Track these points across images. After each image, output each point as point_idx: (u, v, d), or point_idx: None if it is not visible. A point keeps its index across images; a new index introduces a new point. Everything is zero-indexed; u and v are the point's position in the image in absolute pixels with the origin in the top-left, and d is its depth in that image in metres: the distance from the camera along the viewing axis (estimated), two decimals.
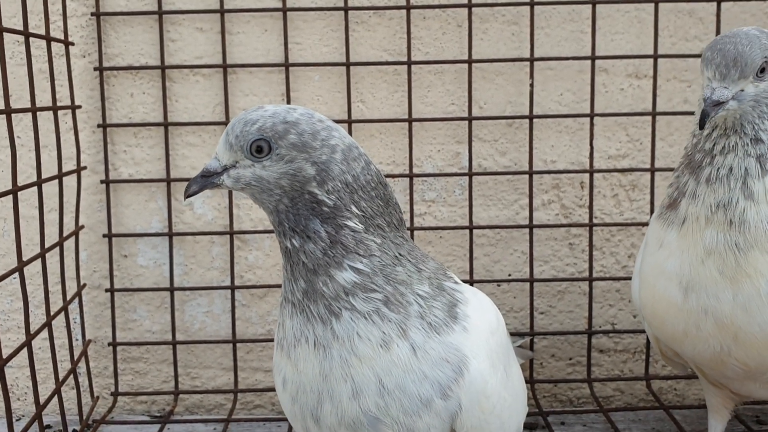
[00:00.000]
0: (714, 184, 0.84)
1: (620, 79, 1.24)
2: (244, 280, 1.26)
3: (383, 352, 0.70)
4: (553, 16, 1.22)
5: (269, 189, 0.71)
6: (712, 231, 0.83)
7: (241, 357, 1.27)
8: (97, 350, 1.27)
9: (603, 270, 1.27)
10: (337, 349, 0.70)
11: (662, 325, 0.89)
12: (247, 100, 1.23)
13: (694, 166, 0.87)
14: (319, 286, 0.71)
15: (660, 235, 0.89)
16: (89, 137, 1.23)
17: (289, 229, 0.71)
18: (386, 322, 0.70)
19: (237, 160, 0.71)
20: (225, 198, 1.24)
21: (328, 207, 0.71)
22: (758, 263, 0.81)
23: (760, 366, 0.85)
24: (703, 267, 0.83)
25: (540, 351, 1.29)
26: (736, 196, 0.83)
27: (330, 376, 0.70)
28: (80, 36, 1.22)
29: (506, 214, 1.26)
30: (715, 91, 0.81)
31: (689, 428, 1.16)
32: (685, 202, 0.86)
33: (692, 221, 0.85)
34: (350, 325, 0.70)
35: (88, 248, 1.25)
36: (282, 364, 0.75)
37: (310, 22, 1.22)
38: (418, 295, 0.73)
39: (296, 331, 0.73)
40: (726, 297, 0.82)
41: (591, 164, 1.24)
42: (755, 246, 0.81)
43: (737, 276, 0.82)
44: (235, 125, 0.71)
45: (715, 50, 0.82)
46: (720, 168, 0.84)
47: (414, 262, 0.75)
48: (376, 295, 0.71)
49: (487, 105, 1.24)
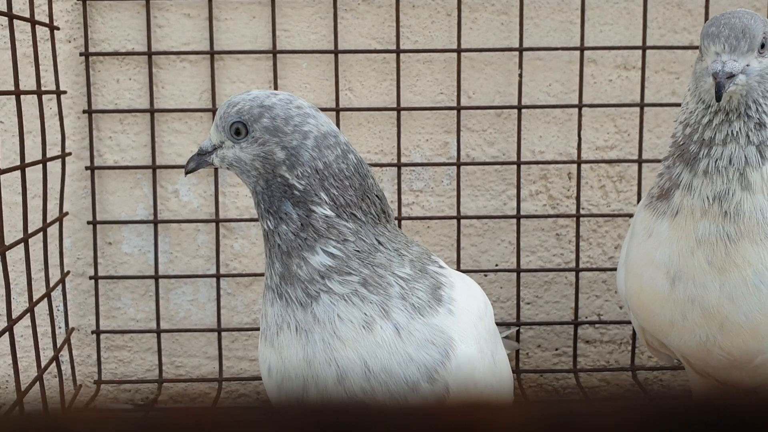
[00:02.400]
0: (712, 176, 0.82)
1: (609, 70, 1.24)
2: (230, 268, 1.25)
3: (366, 333, 0.69)
4: (543, 7, 1.22)
5: (247, 170, 0.74)
6: (705, 222, 0.82)
7: (226, 346, 1.26)
8: (80, 338, 1.26)
9: (589, 261, 1.28)
10: (318, 333, 0.70)
11: (649, 316, 0.89)
12: (234, 87, 1.22)
13: (689, 158, 0.85)
14: (294, 269, 0.72)
15: (649, 224, 0.88)
16: (74, 123, 1.22)
17: (265, 210, 0.73)
18: (367, 303, 0.70)
19: (222, 141, 0.75)
20: (211, 186, 1.23)
21: (298, 191, 0.72)
22: (747, 253, 0.81)
23: (745, 355, 0.85)
24: (692, 257, 0.83)
25: (526, 341, 1.29)
26: (733, 187, 0.82)
27: (314, 361, 0.70)
28: (66, 21, 1.20)
29: (494, 204, 1.26)
30: (726, 64, 0.79)
31: None
32: (680, 194, 0.85)
33: (687, 213, 0.84)
34: (330, 308, 0.70)
35: (72, 235, 1.24)
36: (266, 353, 0.75)
37: (299, 9, 1.21)
38: (398, 276, 0.72)
39: (278, 318, 0.73)
40: (713, 286, 0.82)
41: (579, 155, 1.24)
42: (746, 236, 0.81)
43: (725, 266, 0.81)
44: (222, 107, 0.76)
45: (721, 25, 0.81)
46: (718, 159, 0.82)
47: (396, 247, 0.75)
48: (353, 277, 0.71)
49: (476, 95, 1.24)
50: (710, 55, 0.82)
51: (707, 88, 0.82)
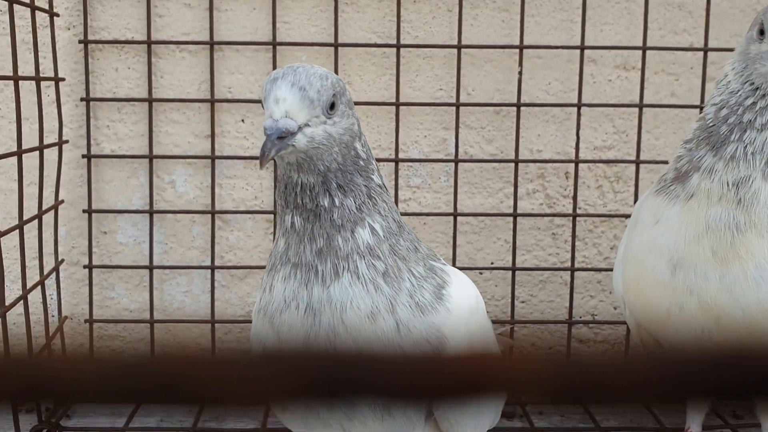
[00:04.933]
0: (738, 161, 0.81)
1: (608, 70, 1.24)
2: (225, 260, 1.25)
3: (369, 323, 0.69)
4: (544, 5, 1.22)
5: (331, 147, 0.70)
6: (718, 208, 0.82)
7: (220, 338, 1.26)
8: (73, 327, 1.25)
9: (585, 261, 1.27)
10: (327, 315, 0.69)
11: (646, 306, 0.88)
12: (233, 78, 1.22)
13: (716, 141, 0.83)
14: (337, 242, 0.70)
15: (658, 210, 0.87)
16: (72, 111, 1.22)
17: (337, 187, 0.71)
18: (380, 294, 0.70)
19: (310, 118, 0.67)
20: (207, 177, 1.22)
21: (363, 160, 0.73)
22: (752, 245, 0.80)
23: None
24: (697, 245, 0.82)
25: (520, 340, 1.28)
26: (755, 174, 0.81)
27: (313, 345, 0.70)
28: (65, 8, 1.20)
29: (491, 202, 1.26)
30: None
31: (667, 421, 1.16)
32: (698, 177, 0.83)
33: (702, 197, 0.83)
34: (346, 291, 0.70)
35: (67, 223, 1.23)
36: (263, 332, 0.74)
37: (299, 1, 1.21)
38: (412, 273, 0.73)
39: (288, 294, 0.71)
40: (713, 277, 0.81)
41: (576, 154, 1.24)
42: (754, 227, 0.80)
43: (728, 257, 0.81)
44: (310, 79, 0.67)
45: None
46: (749, 144, 0.81)
47: (411, 238, 0.76)
48: (380, 264, 0.71)
49: (475, 91, 1.24)
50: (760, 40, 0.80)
51: (764, 71, 0.81)
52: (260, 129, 1.21)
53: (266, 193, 1.23)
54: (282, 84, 0.67)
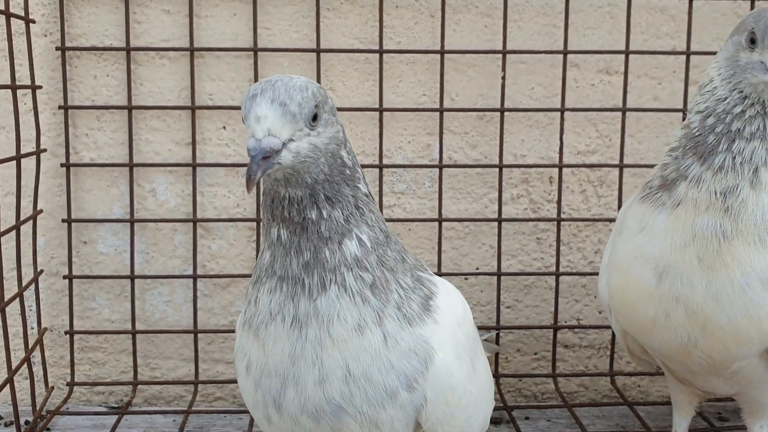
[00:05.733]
0: (726, 171, 0.81)
1: (591, 75, 1.24)
2: (207, 269, 1.23)
3: (356, 336, 0.68)
4: (526, 10, 1.22)
5: (317, 158, 0.68)
6: (705, 217, 0.81)
7: (203, 348, 1.24)
8: (53, 339, 1.23)
9: (570, 265, 1.27)
10: (314, 328, 0.68)
11: (631, 314, 0.88)
12: (214, 85, 1.20)
13: (703, 150, 0.82)
14: (324, 255, 0.69)
15: (644, 217, 0.86)
16: (50, 119, 1.20)
17: (325, 199, 0.69)
18: (367, 307, 0.69)
19: (294, 132, 0.65)
20: (189, 185, 1.21)
21: (349, 169, 0.71)
22: (738, 253, 0.80)
23: (725, 359, 0.84)
24: (683, 252, 0.82)
25: (505, 345, 1.28)
26: (742, 184, 0.80)
27: (299, 359, 0.68)
28: (42, 14, 1.18)
29: (475, 207, 1.26)
30: None
31: (653, 424, 1.16)
32: (685, 186, 0.83)
33: (689, 206, 0.82)
34: (333, 304, 0.68)
35: (46, 233, 1.21)
36: (248, 345, 0.73)
37: (281, 7, 1.19)
38: (400, 285, 0.72)
39: (274, 307, 0.70)
40: (699, 285, 0.81)
41: (560, 159, 1.24)
42: (741, 235, 0.80)
43: (715, 264, 0.80)
44: (290, 93, 0.65)
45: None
46: (737, 155, 0.81)
47: (398, 248, 0.75)
48: (367, 276, 0.70)
49: (459, 97, 1.23)
50: (760, 49, 0.79)
51: (754, 82, 0.80)
52: (242, 136, 1.20)
53: (248, 201, 1.22)
54: (261, 101, 0.64)
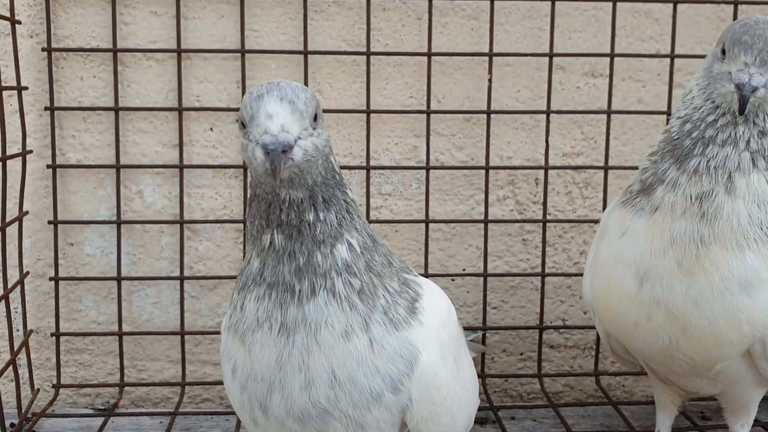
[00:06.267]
0: (701, 175, 0.82)
1: (576, 78, 1.25)
2: (194, 271, 1.23)
3: (343, 342, 0.69)
4: (513, 13, 1.23)
5: (317, 159, 0.69)
6: (683, 222, 0.82)
7: (190, 350, 1.24)
8: (39, 341, 1.23)
9: (555, 266, 1.28)
10: (302, 335, 0.69)
11: (614, 317, 0.89)
12: (201, 87, 1.20)
13: (680, 154, 0.84)
14: (316, 259, 0.69)
15: (625, 222, 0.88)
16: (36, 120, 1.19)
17: (322, 201, 0.70)
18: (354, 313, 0.70)
19: (302, 130, 0.66)
20: (176, 186, 1.21)
21: (338, 175, 0.72)
22: (716, 258, 0.81)
23: (706, 361, 0.86)
24: (663, 257, 0.83)
25: (492, 346, 1.29)
26: (717, 189, 0.81)
27: (286, 365, 0.69)
28: (28, 15, 1.17)
29: (462, 209, 1.26)
30: (753, 77, 0.79)
31: (637, 424, 1.18)
32: (662, 190, 0.84)
33: (666, 210, 0.83)
34: (321, 310, 0.69)
35: (32, 235, 1.21)
36: (233, 349, 0.73)
37: (268, 9, 1.19)
38: (387, 290, 0.73)
39: (261, 314, 0.70)
40: (679, 289, 0.82)
41: (546, 161, 1.25)
42: (718, 240, 0.81)
43: (694, 269, 0.82)
44: (295, 92, 0.67)
45: (755, 35, 0.79)
46: (711, 159, 0.82)
47: (384, 251, 0.76)
48: (356, 281, 0.71)
49: (446, 99, 1.24)
50: (737, 63, 0.80)
51: (724, 92, 0.82)
52: (229, 137, 1.21)
53: (235, 203, 1.22)
54: (270, 99, 0.65)
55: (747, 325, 0.81)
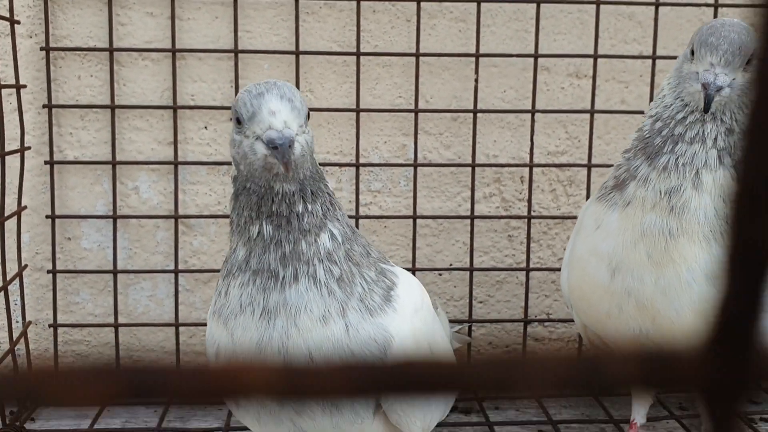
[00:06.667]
0: (669, 172, 0.86)
1: (561, 78, 1.28)
2: (189, 265, 1.27)
3: (320, 326, 0.73)
4: (499, 15, 1.26)
5: (308, 155, 0.73)
6: (652, 215, 0.86)
7: (184, 341, 1.28)
8: (37, 332, 1.27)
9: (540, 261, 1.32)
10: (282, 319, 0.72)
11: (588, 307, 0.93)
12: (195, 86, 1.23)
13: (651, 151, 0.88)
14: (301, 247, 0.73)
15: (599, 216, 0.92)
16: (34, 118, 1.23)
17: (311, 194, 0.74)
18: (332, 299, 0.74)
19: (298, 127, 0.71)
20: (171, 183, 1.24)
21: (319, 169, 0.77)
22: (684, 250, 0.85)
23: None
24: (634, 249, 0.87)
25: (478, 339, 1.33)
26: (685, 184, 0.85)
27: (266, 347, 0.73)
28: (27, 16, 1.20)
29: (449, 205, 1.30)
30: (719, 77, 0.82)
31: (616, 413, 1.21)
32: (634, 185, 0.88)
33: (638, 204, 0.87)
34: (302, 295, 0.73)
35: (30, 230, 1.24)
36: (217, 333, 0.77)
37: (261, 11, 1.23)
38: (364, 278, 0.77)
39: (245, 299, 0.74)
40: (649, 280, 0.86)
41: (531, 159, 1.28)
42: (685, 233, 0.85)
43: (663, 261, 0.85)
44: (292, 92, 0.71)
45: (721, 37, 0.83)
46: (680, 156, 0.86)
47: (363, 242, 0.80)
48: (336, 269, 0.75)
49: (434, 99, 1.27)
50: (704, 64, 0.84)
51: (692, 91, 0.86)
52: (223, 135, 1.24)
53: (229, 199, 1.25)
54: (271, 97, 0.70)
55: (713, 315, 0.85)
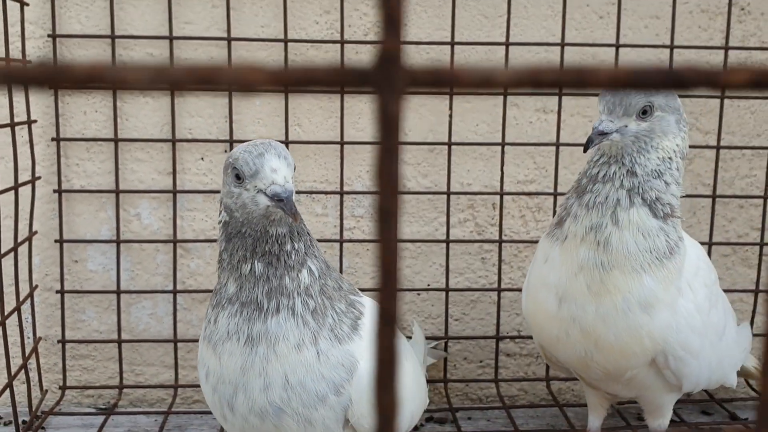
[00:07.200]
0: (591, 209, 0.97)
1: (529, 113, 1.39)
2: (186, 285, 1.37)
3: (295, 353, 0.83)
4: (472, 55, 1.37)
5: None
6: (584, 249, 0.96)
7: (182, 356, 1.39)
8: (47, 348, 1.37)
9: (511, 282, 1.43)
10: (263, 346, 0.83)
11: (541, 332, 1.04)
12: (192, 121, 1.34)
13: (580, 191, 0.99)
14: (285, 282, 0.84)
15: (547, 251, 1.02)
16: (44, 150, 1.33)
17: (297, 234, 0.85)
18: (306, 329, 0.84)
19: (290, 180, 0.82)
20: (170, 210, 1.35)
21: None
22: (618, 281, 0.95)
23: (617, 370, 1.00)
24: (575, 280, 0.97)
25: (453, 354, 1.43)
26: (606, 221, 0.96)
27: (249, 371, 0.83)
28: (37, 56, 1.31)
29: (426, 230, 1.41)
30: (602, 123, 0.95)
31: (579, 423, 1.32)
32: (569, 222, 0.99)
33: (571, 239, 0.98)
34: (281, 326, 0.84)
35: (41, 253, 1.35)
36: (207, 357, 0.88)
37: (253, 51, 1.34)
38: (334, 310, 0.87)
39: (231, 328, 0.85)
40: (590, 309, 0.96)
41: (502, 188, 1.39)
42: (616, 266, 0.95)
43: (600, 291, 0.96)
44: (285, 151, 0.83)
45: (608, 90, 0.96)
46: (597, 195, 0.97)
47: (336, 276, 0.89)
48: (311, 302, 0.85)
49: (412, 132, 1.38)
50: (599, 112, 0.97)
51: (611, 143, 0.97)
52: (218, 166, 1.35)
53: (219, 240, 1.36)
54: (271, 157, 0.81)
55: (648, 339, 0.96)
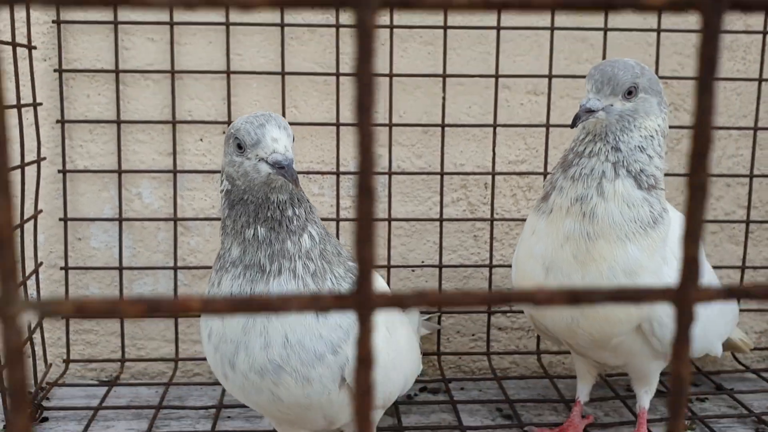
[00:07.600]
0: (577, 181, 1.01)
1: (520, 95, 1.43)
2: (186, 262, 1.42)
3: None
4: (464, 39, 1.41)
5: None
6: (570, 220, 1.01)
7: (182, 331, 1.43)
8: (51, 323, 1.41)
9: (502, 259, 1.47)
10: None
11: None
12: (192, 104, 1.38)
13: (566, 166, 1.03)
14: (287, 246, 0.88)
15: (534, 223, 1.07)
16: (49, 132, 1.37)
17: (297, 201, 0.89)
18: (306, 290, 0.88)
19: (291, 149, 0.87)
20: (170, 189, 1.39)
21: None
22: (603, 250, 1.00)
23: (603, 336, 1.04)
24: (561, 251, 1.01)
25: (447, 328, 1.48)
26: (591, 192, 1.00)
27: (251, 330, 0.87)
28: (42, 42, 1.35)
29: (420, 209, 1.45)
30: (590, 101, 0.99)
31: (568, 394, 1.36)
32: (554, 195, 1.03)
33: (557, 211, 1.02)
34: (282, 287, 0.87)
35: (45, 231, 1.39)
36: (210, 318, 0.92)
37: (250, 36, 1.37)
38: (333, 275, 0.91)
39: (234, 289, 0.88)
40: (577, 277, 1.01)
41: (493, 168, 1.43)
42: (602, 236, 0.99)
43: (586, 260, 1.00)
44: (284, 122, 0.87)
45: (597, 69, 1.00)
46: (583, 168, 1.01)
47: (335, 242, 0.94)
48: (311, 265, 0.89)
49: (406, 114, 1.42)
50: (586, 91, 1.01)
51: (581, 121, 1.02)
52: (217, 147, 1.39)
53: (221, 207, 1.40)
54: (272, 127, 0.85)
55: (632, 306, 1.00)
